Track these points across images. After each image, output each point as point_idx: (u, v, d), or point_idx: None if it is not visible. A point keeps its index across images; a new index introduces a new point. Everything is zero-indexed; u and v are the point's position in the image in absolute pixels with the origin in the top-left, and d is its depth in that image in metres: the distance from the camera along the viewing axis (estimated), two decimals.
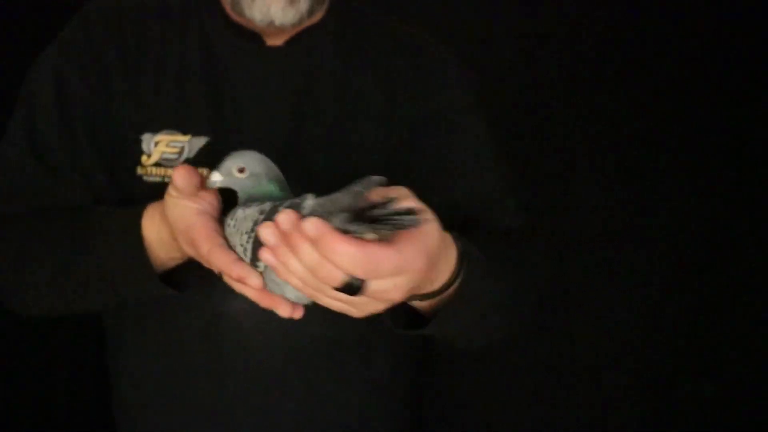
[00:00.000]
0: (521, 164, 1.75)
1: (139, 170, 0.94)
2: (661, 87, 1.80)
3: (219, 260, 0.72)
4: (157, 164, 0.94)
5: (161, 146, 0.94)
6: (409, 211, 0.61)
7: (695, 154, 1.81)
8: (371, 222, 0.61)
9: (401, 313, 0.84)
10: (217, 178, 0.76)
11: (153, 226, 0.83)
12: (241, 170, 0.76)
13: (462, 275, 0.77)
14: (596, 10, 1.79)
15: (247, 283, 0.71)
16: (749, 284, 1.82)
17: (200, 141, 0.94)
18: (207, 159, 0.93)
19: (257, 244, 0.68)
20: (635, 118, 1.82)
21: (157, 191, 0.89)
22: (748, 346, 1.82)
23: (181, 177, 0.75)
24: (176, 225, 0.78)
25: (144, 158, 0.94)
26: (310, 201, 0.67)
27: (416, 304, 0.82)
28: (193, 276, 0.88)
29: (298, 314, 0.73)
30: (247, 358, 0.96)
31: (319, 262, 0.62)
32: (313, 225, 0.60)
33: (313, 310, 0.89)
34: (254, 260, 0.71)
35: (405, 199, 0.67)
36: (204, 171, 0.89)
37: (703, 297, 1.84)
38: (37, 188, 0.95)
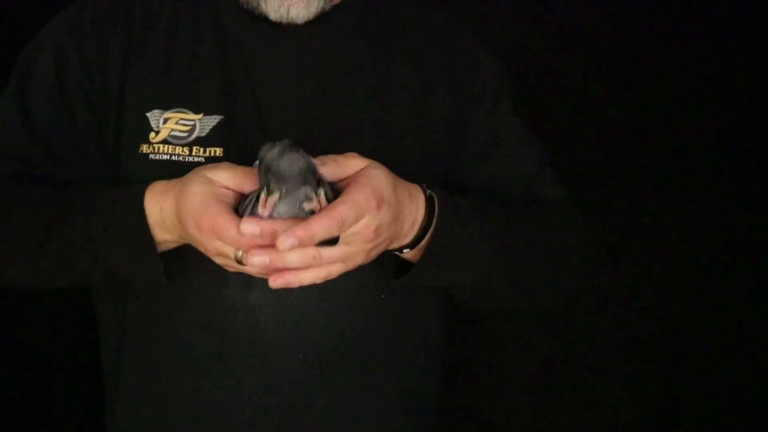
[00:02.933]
0: None
1: (145, 148, 0.91)
2: (662, 88, 1.81)
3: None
4: (164, 141, 0.91)
5: (170, 123, 0.91)
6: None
7: (697, 153, 1.81)
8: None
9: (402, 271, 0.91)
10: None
11: (156, 203, 0.83)
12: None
13: (437, 220, 0.85)
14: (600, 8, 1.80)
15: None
16: (750, 284, 1.83)
17: (213, 119, 0.91)
18: (221, 138, 0.90)
19: None
20: (637, 119, 1.82)
21: (164, 169, 0.88)
22: (749, 346, 1.83)
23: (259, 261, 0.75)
24: (192, 204, 0.78)
25: (152, 135, 0.91)
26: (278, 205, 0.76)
27: (407, 256, 0.89)
28: (177, 267, 0.88)
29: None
30: (264, 358, 0.90)
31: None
32: (288, 238, 0.72)
33: (338, 308, 0.90)
34: None
35: (353, 158, 0.80)
36: (217, 151, 0.90)
37: (703, 297, 1.84)
38: (27, 159, 0.93)
